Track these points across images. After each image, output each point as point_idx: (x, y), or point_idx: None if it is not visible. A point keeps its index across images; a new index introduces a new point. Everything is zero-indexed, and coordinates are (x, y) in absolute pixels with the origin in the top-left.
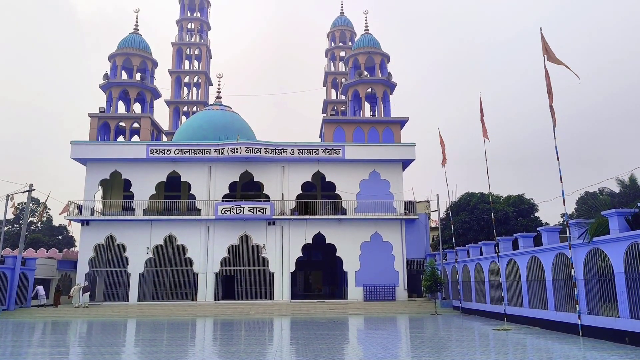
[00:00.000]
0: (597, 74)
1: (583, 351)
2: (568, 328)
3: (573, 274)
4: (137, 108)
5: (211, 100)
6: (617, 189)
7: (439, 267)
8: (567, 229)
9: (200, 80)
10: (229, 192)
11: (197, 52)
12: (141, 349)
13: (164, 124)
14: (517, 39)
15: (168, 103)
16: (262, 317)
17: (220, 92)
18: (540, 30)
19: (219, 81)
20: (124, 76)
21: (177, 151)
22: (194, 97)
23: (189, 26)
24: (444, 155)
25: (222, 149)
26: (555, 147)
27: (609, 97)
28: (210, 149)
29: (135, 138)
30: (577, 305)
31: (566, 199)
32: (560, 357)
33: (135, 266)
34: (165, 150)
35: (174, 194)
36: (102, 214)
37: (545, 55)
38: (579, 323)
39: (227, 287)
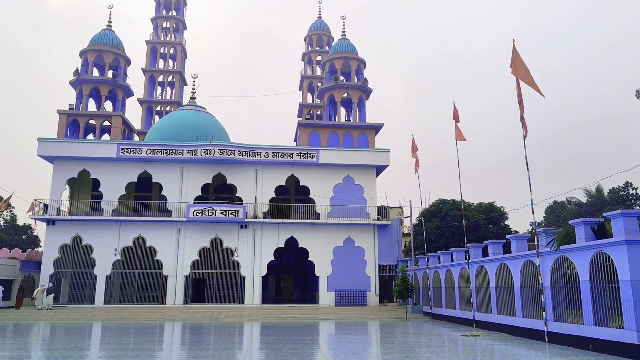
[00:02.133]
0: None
1: (549, 357)
2: (535, 334)
3: (540, 282)
4: (108, 106)
5: (185, 100)
6: (584, 199)
7: (410, 272)
8: (536, 237)
9: (174, 80)
10: (201, 194)
11: (172, 51)
12: (106, 353)
13: (136, 123)
14: (493, 47)
15: (141, 102)
16: (232, 321)
17: (195, 92)
18: (513, 41)
19: (194, 81)
20: (96, 73)
21: (149, 151)
22: (168, 97)
23: (164, 24)
24: (417, 162)
25: (195, 150)
26: (525, 156)
27: (578, 106)
28: (183, 150)
29: (106, 137)
30: (543, 312)
31: (535, 208)
32: None
33: (102, 268)
34: (137, 150)
35: (144, 195)
36: (69, 213)
37: (512, 68)
38: (545, 330)
39: (197, 290)
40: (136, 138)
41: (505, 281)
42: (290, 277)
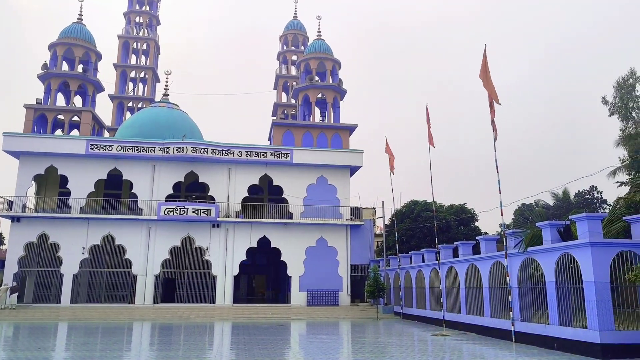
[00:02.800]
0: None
1: (515, 356)
2: (502, 334)
3: (508, 282)
4: (77, 101)
5: (158, 97)
6: (551, 202)
7: (382, 273)
8: (504, 239)
9: (147, 76)
10: (172, 193)
11: (144, 46)
12: (72, 354)
13: (107, 119)
14: (467, 50)
15: (112, 98)
16: (203, 321)
17: (168, 89)
18: (485, 47)
19: (167, 78)
20: (65, 67)
21: (119, 148)
22: (140, 93)
23: (137, 19)
24: (391, 163)
25: (168, 147)
26: (495, 159)
27: (549, 110)
28: (154, 147)
29: (75, 132)
30: (511, 313)
31: (505, 210)
32: None
33: (69, 266)
34: (107, 147)
35: (114, 193)
36: (35, 210)
37: (481, 72)
38: (512, 329)
39: (167, 290)
40: (106, 134)
41: (474, 282)
42: (263, 277)
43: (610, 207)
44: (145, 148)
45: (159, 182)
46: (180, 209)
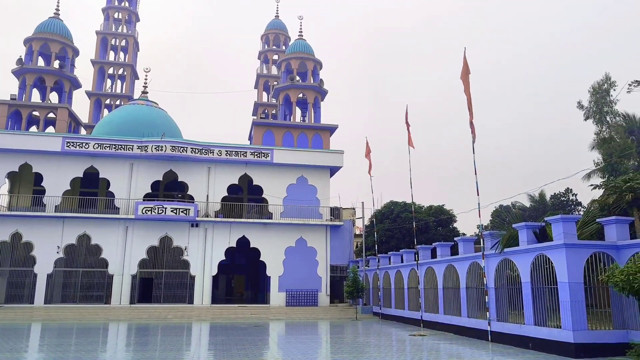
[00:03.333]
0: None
1: (491, 356)
2: (479, 334)
3: (485, 283)
4: (53, 97)
5: (136, 94)
6: (528, 204)
7: (361, 273)
8: (482, 240)
9: (125, 73)
10: (151, 192)
11: (123, 43)
12: (45, 355)
13: (84, 117)
14: (446, 51)
15: (89, 94)
16: (181, 321)
17: (147, 86)
18: (464, 50)
19: (146, 75)
20: (41, 62)
21: (96, 146)
22: (118, 90)
23: (115, 15)
24: (370, 164)
25: (146, 146)
26: (474, 161)
27: (526, 113)
28: (133, 146)
29: (50, 129)
30: (487, 313)
31: (482, 211)
32: None
33: (43, 266)
34: (83, 144)
35: (90, 191)
36: (8, 209)
37: (462, 74)
38: (489, 329)
39: (144, 290)
40: (83, 132)
41: (452, 282)
42: (241, 277)
43: (585, 210)
44: (123, 146)
45: (136, 180)
46: (158, 208)
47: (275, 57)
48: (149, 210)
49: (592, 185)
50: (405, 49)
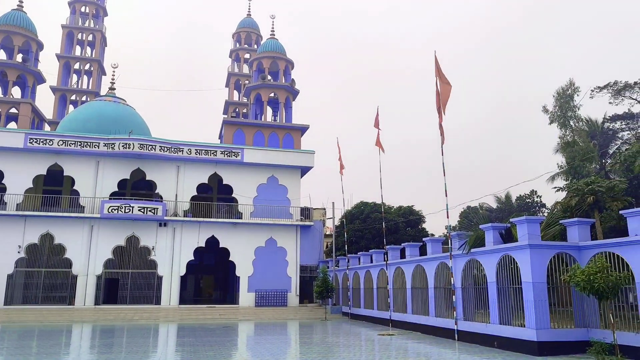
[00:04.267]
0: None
1: (457, 354)
2: (446, 333)
3: (452, 283)
4: (16, 92)
5: (104, 90)
6: (495, 205)
7: (331, 273)
8: (449, 241)
9: (92, 69)
10: (117, 190)
11: (90, 37)
12: (4, 359)
13: (48, 113)
14: (416, 52)
15: (54, 90)
16: (147, 323)
17: (115, 83)
18: (435, 53)
19: (114, 71)
20: (2, 56)
21: (61, 142)
22: (85, 86)
23: (82, 9)
24: (342, 164)
25: (113, 143)
26: (443, 163)
27: (494, 116)
28: (99, 143)
29: (12, 125)
30: (454, 312)
31: (451, 212)
32: None
33: (3, 266)
34: (47, 141)
35: (54, 189)
36: None
37: (437, 78)
38: (456, 328)
39: (109, 290)
40: (47, 128)
41: (420, 282)
42: (210, 277)
43: (549, 211)
44: (89, 143)
45: (102, 179)
46: (125, 207)
47: (247, 55)
48: (115, 209)
49: (555, 187)
50: (377, 50)
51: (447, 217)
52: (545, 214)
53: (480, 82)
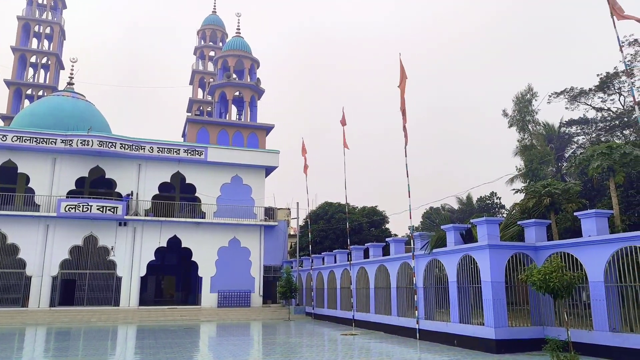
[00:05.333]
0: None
1: (419, 353)
2: (408, 332)
3: (414, 282)
4: None
5: (62, 85)
6: (456, 206)
7: (294, 273)
8: (412, 241)
9: (49, 62)
10: (75, 188)
11: (48, 30)
12: None
13: (1, 107)
14: (383, 50)
15: (8, 84)
16: (106, 325)
17: (73, 77)
18: (399, 55)
19: (72, 66)
20: None
21: (15, 138)
22: (41, 80)
23: (40, 0)
24: (306, 164)
25: (71, 140)
26: (406, 164)
27: (457, 118)
28: (56, 139)
29: None
30: (416, 312)
31: (414, 213)
32: (398, 359)
33: None
34: (1, 137)
35: (7, 187)
36: None
37: (400, 81)
38: (417, 327)
39: (66, 292)
40: (0, 123)
41: (383, 282)
42: (172, 278)
43: (507, 212)
44: (46, 139)
45: (59, 176)
46: (83, 205)
47: (212, 53)
48: (72, 208)
49: (514, 189)
50: (342, 51)
51: (410, 218)
52: (505, 215)
53: (444, 84)
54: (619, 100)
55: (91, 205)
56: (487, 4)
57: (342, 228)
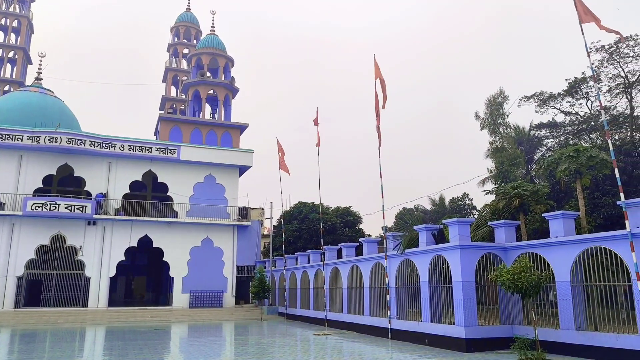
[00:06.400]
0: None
1: (390, 352)
2: (380, 332)
3: (387, 282)
4: None
5: (29, 80)
6: (429, 207)
7: (268, 274)
8: (385, 241)
9: (16, 57)
10: (42, 187)
11: (15, 24)
12: None
13: None
14: (360, 51)
15: None
16: (73, 326)
17: (41, 72)
18: (374, 56)
19: (41, 60)
20: None
21: None
22: (8, 75)
23: None
24: (282, 163)
25: (38, 137)
26: (379, 164)
27: (430, 120)
28: (22, 136)
29: None
30: (388, 311)
31: (387, 213)
32: (370, 359)
33: None
34: None
35: None
36: None
37: (378, 79)
38: (389, 327)
39: (32, 293)
40: None
41: (356, 282)
42: (142, 278)
43: (478, 213)
44: (11, 136)
45: (26, 174)
46: (50, 204)
47: (186, 50)
48: (39, 207)
49: (485, 190)
50: (319, 50)
51: (384, 218)
52: (476, 216)
53: (418, 86)
54: (587, 104)
55: (59, 204)
56: (461, 9)
57: (316, 228)
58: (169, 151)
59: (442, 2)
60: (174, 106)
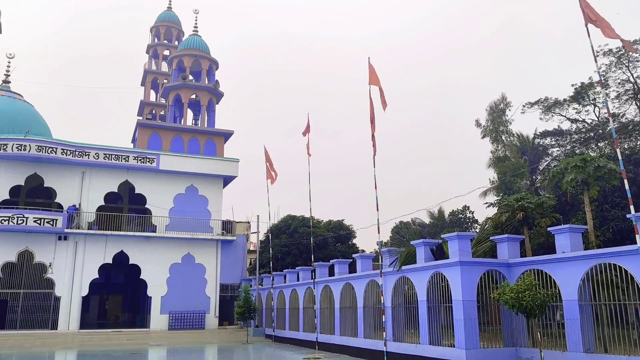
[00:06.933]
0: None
1: None
2: (375, 355)
3: (382, 302)
4: None
5: None
6: (427, 220)
7: (254, 292)
8: (380, 257)
9: None
10: (9, 198)
11: None
12: None
13: None
14: (350, 62)
15: None
16: (41, 350)
17: (10, 75)
18: (369, 59)
19: (9, 62)
20: None
21: None
22: None
23: None
24: (270, 173)
25: (5, 144)
26: (374, 175)
27: (428, 128)
28: None
29: None
30: (383, 333)
31: (383, 227)
32: None
33: None
34: None
35: None
36: None
37: (373, 85)
38: (385, 350)
39: None
40: None
41: (349, 301)
42: (118, 297)
43: (480, 227)
44: None
45: None
46: (17, 217)
47: (167, 52)
48: (5, 220)
49: (487, 203)
50: (308, 55)
51: (379, 232)
52: (477, 230)
53: (416, 93)
54: (594, 111)
55: (27, 217)
56: (465, 18)
57: (306, 243)
58: (148, 160)
59: (443, 9)
60: (154, 111)
